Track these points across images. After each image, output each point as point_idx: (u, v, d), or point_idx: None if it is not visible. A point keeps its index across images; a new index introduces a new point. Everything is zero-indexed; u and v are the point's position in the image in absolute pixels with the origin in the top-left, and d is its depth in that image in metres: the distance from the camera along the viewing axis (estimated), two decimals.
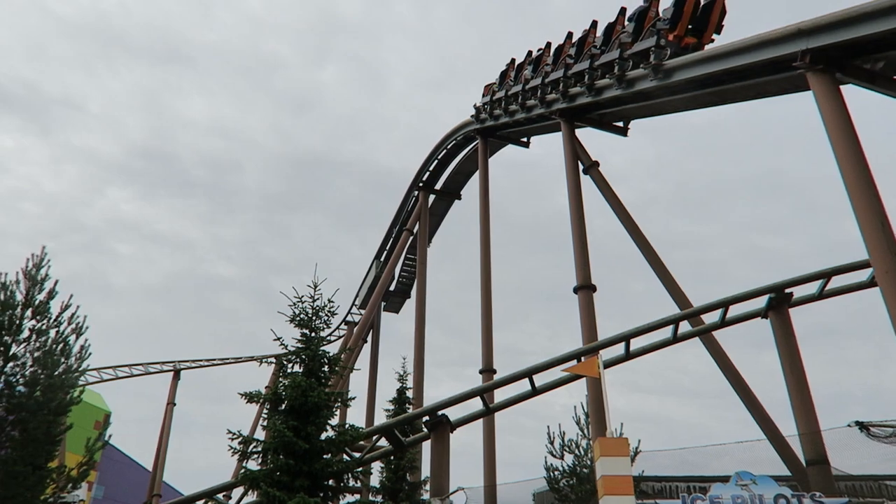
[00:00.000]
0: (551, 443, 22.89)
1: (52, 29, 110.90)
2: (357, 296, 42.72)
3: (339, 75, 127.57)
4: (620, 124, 24.31)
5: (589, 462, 21.53)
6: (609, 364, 17.57)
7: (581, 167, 22.97)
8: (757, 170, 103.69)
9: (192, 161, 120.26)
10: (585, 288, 20.02)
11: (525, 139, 31.06)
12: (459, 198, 36.93)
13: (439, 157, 35.44)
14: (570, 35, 24.29)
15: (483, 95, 31.46)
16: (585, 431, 21.60)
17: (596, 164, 22.87)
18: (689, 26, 18.58)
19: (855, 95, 14.64)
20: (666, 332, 18.92)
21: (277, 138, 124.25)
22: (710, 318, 19.35)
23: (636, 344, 18.68)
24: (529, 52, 27.72)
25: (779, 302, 18.32)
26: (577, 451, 21.89)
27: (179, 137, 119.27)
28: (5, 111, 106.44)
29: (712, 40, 19.01)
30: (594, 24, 22.77)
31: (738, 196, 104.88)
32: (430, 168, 35.93)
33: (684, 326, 19.16)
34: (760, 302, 18.70)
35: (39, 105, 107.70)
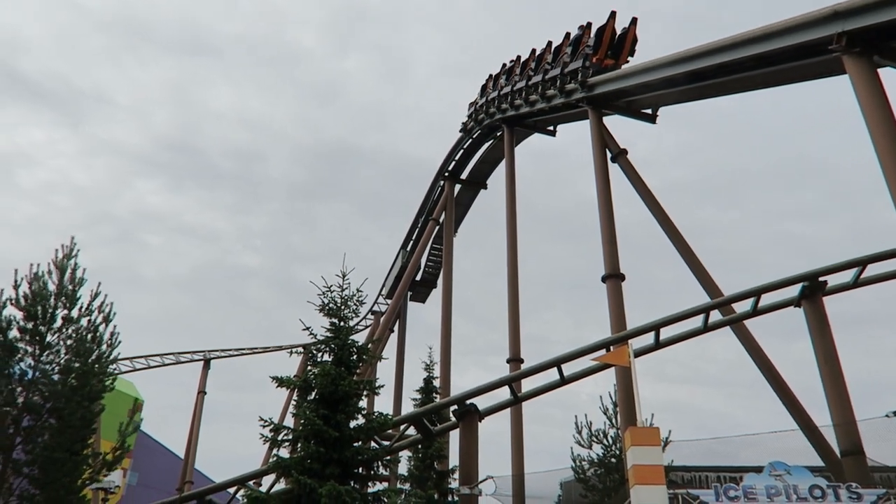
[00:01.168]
0: (579, 433, 22.83)
1: (81, 23, 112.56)
2: (383, 285, 42.89)
3: (362, 64, 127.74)
4: (649, 111, 24.02)
5: (617, 452, 21.44)
6: (639, 353, 17.34)
7: (609, 155, 22.75)
8: (788, 155, 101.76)
9: (218, 152, 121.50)
10: (614, 277, 19.86)
11: (551, 127, 30.88)
12: (485, 187, 36.82)
13: (465, 146, 35.37)
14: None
15: (468, 109, 34.96)
16: (614, 421, 21.51)
17: (624, 151, 22.63)
18: (609, 52, 24.15)
19: (893, 79, 14.28)
20: (696, 322, 18.67)
21: (302, 128, 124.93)
22: (742, 306, 19.07)
23: (666, 333, 18.46)
24: (504, 65, 31.62)
25: (812, 291, 17.98)
26: (605, 441, 21.82)
27: (205, 129, 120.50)
28: (38, 105, 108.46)
29: (627, 61, 24.37)
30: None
31: (769, 182, 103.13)
32: (456, 157, 35.88)
33: (715, 315, 18.90)
34: (793, 290, 18.37)
35: (70, 98, 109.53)
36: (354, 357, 14.39)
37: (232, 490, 19.28)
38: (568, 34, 26.20)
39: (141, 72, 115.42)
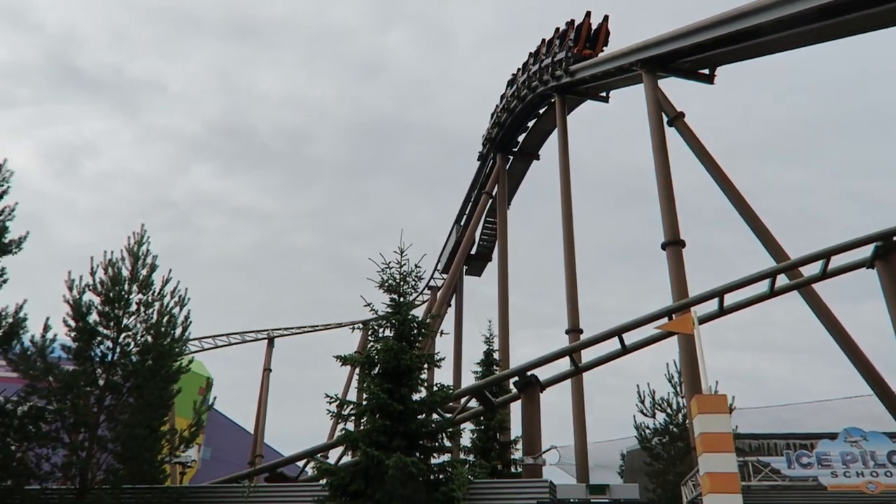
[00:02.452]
0: (641, 402, 22.71)
1: (131, 14, 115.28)
2: (439, 260, 43.11)
3: (405, 39, 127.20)
4: (706, 71, 23.23)
5: (682, 420, 21.22)
6: (702, 320, 17.03)
7: (665, 119, 22.16)
8: (856, 109, 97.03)
9: (267, 134, 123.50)
10: (674, 244, 19.48)
11: (604, 93, 30.23)
12: (538, 158, 36.39)
13: (506, 123, 34.97)
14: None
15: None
16: (678, 389, 21.26)
17: (681, 114, 21.99)
18: (587, 43, 29.40)
19: None
20: (761, 287, 18.15)
21: (348, 106, 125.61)
22: (810, 269, 18.44)
23: (730, 299, 18.01)
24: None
25: (886, 251, 17.21)
26: (668, 410, 21.62)
27: (254, 111, 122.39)
28: (95, 97, 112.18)
29: (602, 50, 29.33)
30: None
31: (837, 138, 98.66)
32: (506, 129, 35.52)
33: (781, 280, 18.32)
34: (865, 251, 17.64)
35: (125, 89, 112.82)
36: (415, 332, 14.54)
37: (301, 463, 19.96)
38: (557, 28, 31.12)
39: (189, 58, 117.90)
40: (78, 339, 14.65)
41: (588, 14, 29.58)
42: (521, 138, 35.61)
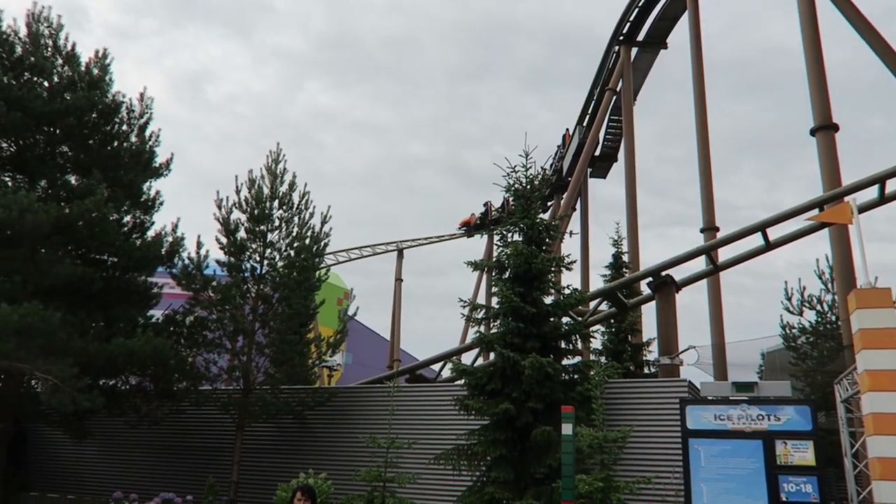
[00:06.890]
0: (788, 299, 21.52)
1: None
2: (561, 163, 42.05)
3: None
4: None
5: (834, 318, 20.00)
6: (860, 210, 15.58)
7: None
8: None
9: (374, 44, 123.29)
10: (825, 128, 17.73)
11: None
12: (666, 47, 33.93)
13: (640, 4, 32.54)
14: None
15: None
16: (829, 286, 19.94)
17: None
18: None
19: None
20: None
21: (453, 6, 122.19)
22: None
23: (892, 186, 16.31)
24: None
25: None
26: (819, 307, 20.40)
27: (360, 21, 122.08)
28: (209, 22, 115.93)
29: None
30: None
31: None
32: (631, 18, 33.19)
33: None
34: None
35: (235, 10, 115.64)
36: (543, 235, 14.36)
37: (437, 367, 20.86)
38: None
39: None
40: (230, 253, 15.77)
41: None
42: (647, 24, 33.22)
